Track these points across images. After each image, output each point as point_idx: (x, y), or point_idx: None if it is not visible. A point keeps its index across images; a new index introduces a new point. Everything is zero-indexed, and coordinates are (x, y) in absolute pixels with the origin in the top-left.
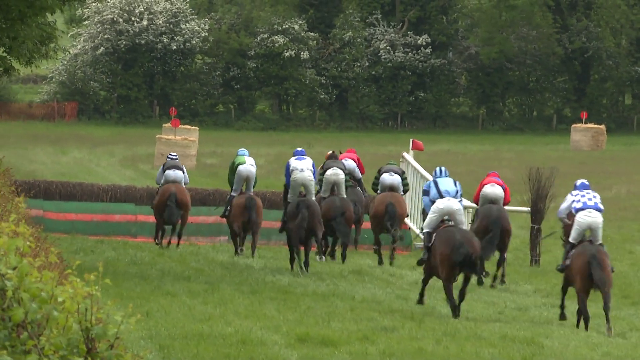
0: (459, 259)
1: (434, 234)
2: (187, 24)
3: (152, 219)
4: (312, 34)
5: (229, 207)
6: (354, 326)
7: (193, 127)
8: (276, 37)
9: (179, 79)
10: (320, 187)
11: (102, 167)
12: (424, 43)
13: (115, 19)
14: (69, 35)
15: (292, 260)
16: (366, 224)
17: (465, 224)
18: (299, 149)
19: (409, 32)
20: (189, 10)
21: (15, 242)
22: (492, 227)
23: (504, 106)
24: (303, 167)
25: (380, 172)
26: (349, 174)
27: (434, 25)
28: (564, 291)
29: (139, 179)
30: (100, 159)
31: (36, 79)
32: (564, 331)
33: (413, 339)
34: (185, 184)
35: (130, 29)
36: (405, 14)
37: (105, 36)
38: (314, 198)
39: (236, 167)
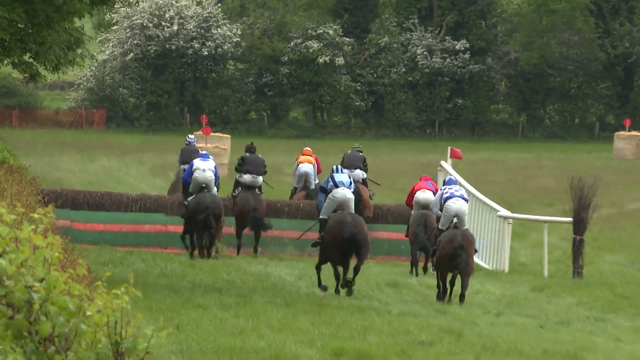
0: (347, 238)
1: (329, 220)
2: (218, 29)
3: (182, 229)
4: (347, 39)
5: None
6: (390, 340)
7: (225, 135)
8: (310, 42)
9: (210, 86)
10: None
11: (131, 175)
12: (462, 48)
13: (145, 24)
14: (98, 40)
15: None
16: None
17: (353, 209)
18: (204, 152)
19: (446, 37)
20: (220, 15)
21: (43, 253)
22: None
23: (545, 113)
24: (205, 168)
25: (344, 158)
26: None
27: (473, 30)
28: (438, 273)
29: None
30: (130, 168)
31: (63, 85)
32: (609, 345)
33: (451, 353)
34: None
35: (160, 34)
36: (443, 18)
37: (135, 41)
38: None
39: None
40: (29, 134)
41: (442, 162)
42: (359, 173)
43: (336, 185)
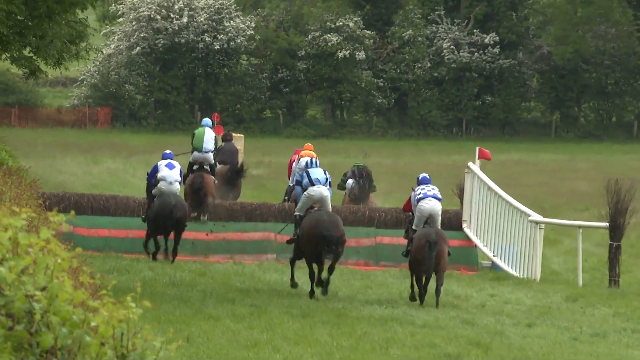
0: (323, 237)
1: (305, 217)
2: (231, 22)
3: (192, 235)
4: (368, 32)
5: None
6: (414, 353)
7: (238, 135)
8: (329, 35)
9: (222, 82)
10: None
11: (138, 178)
12: (492, 42)
13: (152, 16)
14: (102, 33)
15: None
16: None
17: (330, 207)
18: (168, 151)
19: (475, 30)
20: (233, 6)
21: (46, 260)
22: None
23: (580, 111)
24: (172, 180)
25: (346, 175)
26: None
27: (503, 22)
28: (412, 274)
29: (179, 191)
30: (136, 170)
31: (66, 81)
32: None
33: None
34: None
35: (169, 26)
36: (471, 10)
37: (142, 35)
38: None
39: (192, 151)
40: (29, 134)
41: (470, 164)
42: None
43: (312, 183)
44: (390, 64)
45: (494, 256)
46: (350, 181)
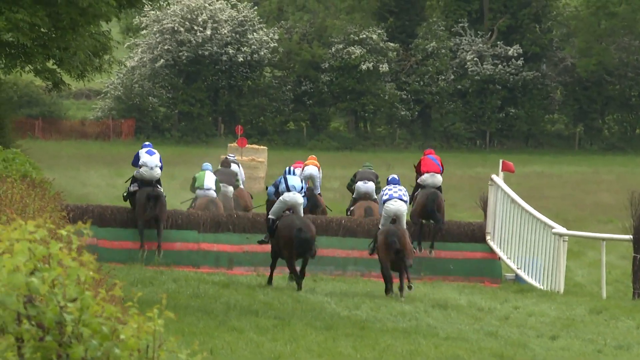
0: (298, 240)
1: (277, 221)
2: (254, 34)
3: (215, 247)
4: (391, 44)
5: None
6: None
7: (261, 147)
8: (352, 47)
9: (245, 94)
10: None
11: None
12: (515, 54)
13: (176, 28)
14: (126, 46)
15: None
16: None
17: (302, 213)
18: (147, 142)
19: (498, 42)
20: (256, 19)
21: (77, 272)
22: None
23: (604, 123)
24: (152, 165)
25: (355, 177)
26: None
27: (526, 34)
28: (383, 267)
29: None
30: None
31: (89, 94)
32: None
33: None
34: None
35: (192, 39)
36: (495, 22)
37: (165, 47)
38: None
39: (196, 189)
40: (53, 146)
41: (493, 176)
42: (372, 185)
43: (288, 189)
44: (414, 76)
45: (517, 268)
46: (359, 183)
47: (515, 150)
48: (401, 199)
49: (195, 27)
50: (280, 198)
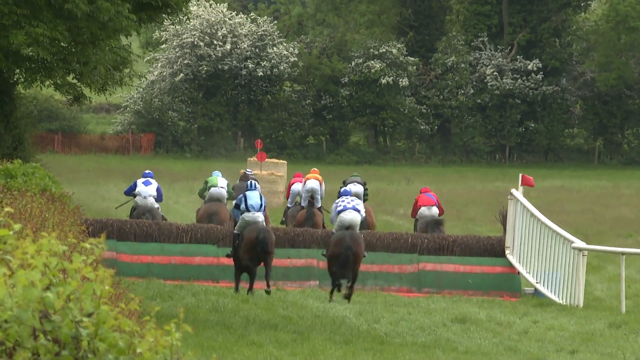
0: (258, 248)
1: (243, 233)
2: (274, 48)
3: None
4: (411, 58)
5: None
6: None
7: (281, 161)
8: (372, 62)
9: (265, 108)
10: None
11: (181, 204)
12: (535, 68)
13: (195, 43)
14: (145, 60)
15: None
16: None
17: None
18: (148, 171)
19: (518, 57)
20: (276, 33)
21: (92, 286)
22: None
23: (623, 138)
24: (147, 194)
25: (345, 184)
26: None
27: (546, 48)
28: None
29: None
30: (180, 196)
31: (109, 108)
32: None
33: None
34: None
35: (212, 53)
36: (514, 36)
37: (185, 61)
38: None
39: (209, 188)
40: (73, 161)
41: (513, 190)
42: (360, 188)
43: (247, 209)
44: (434, 91)
45: (536, 283)
46: (349, 185)
47: (535, 164)
48: (355, 209)
49: (215, 42)
50: (242, 216)
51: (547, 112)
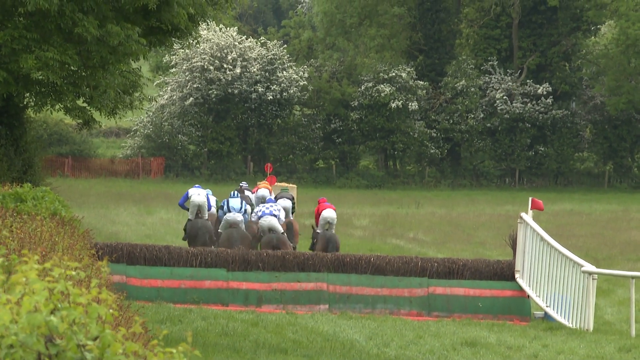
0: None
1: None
2: (284, 72)
3: (244, 285)
4: (421, 82)
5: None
6: None
7: (291, 185)
8: (382, 86)
9: (275, 132)
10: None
11: None
12: (545, 92)
13: (205, 67)
14: (155, 84)
15: None
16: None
17: (243, 227)
18: (197, 185)
19: (528, 81)
20: (286, 57)
21: (97, 310)
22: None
23: (633, 162)
24: (199, 192)
25: (276, 198)
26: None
27: (556, 73)
28: None
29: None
30: None
31: (119, 132)
32: None
33: None
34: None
35: (222, 77)
36: (524, 60)
37: (195, 85)
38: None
39: (225, 211)
40: (82, 184)
41: (523, 214)
42: (289, 202)
43: (229, 210)
44: (443, 115)
45: (546, 306)
46: (280, 200)
47: (545, 188)
48: (272, 214)
49: (225, 65)
50: (225, 217)
51: (557, 136)
